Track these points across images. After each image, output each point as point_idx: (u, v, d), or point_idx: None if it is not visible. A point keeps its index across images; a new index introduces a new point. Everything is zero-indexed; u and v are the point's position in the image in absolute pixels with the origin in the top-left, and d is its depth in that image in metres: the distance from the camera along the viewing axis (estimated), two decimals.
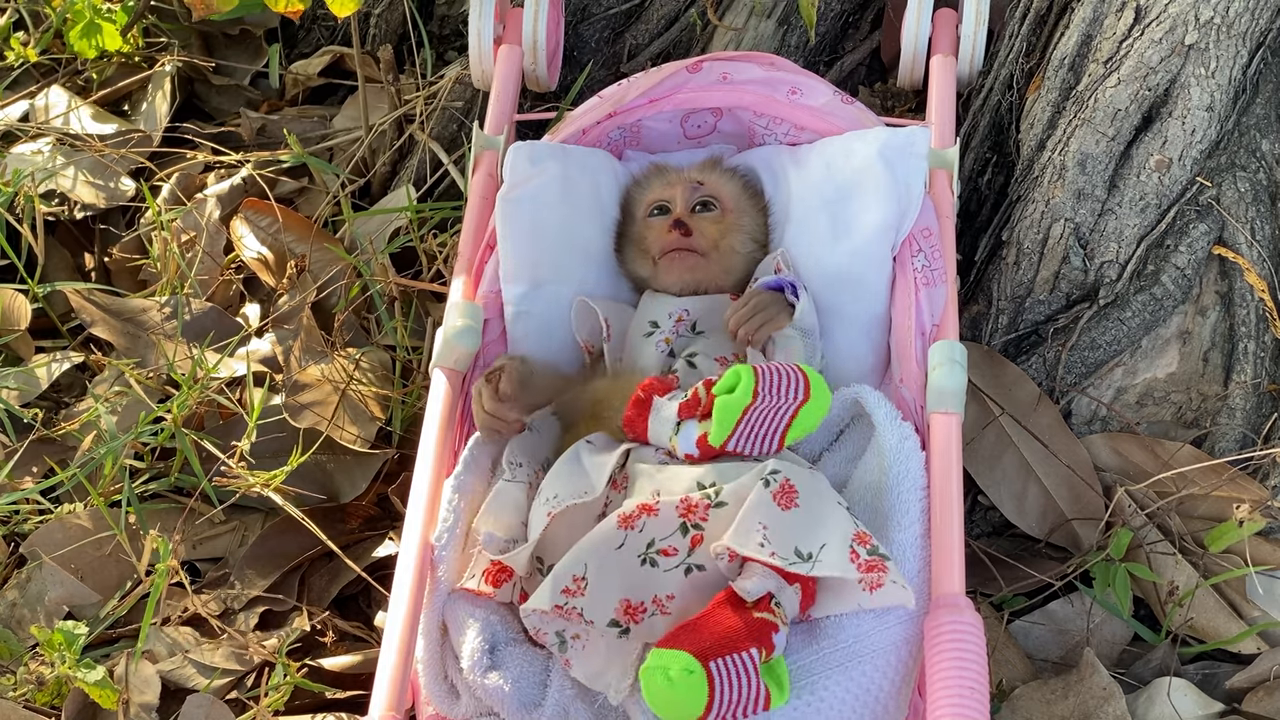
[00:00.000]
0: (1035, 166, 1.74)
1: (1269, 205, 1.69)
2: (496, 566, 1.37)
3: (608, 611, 1.28)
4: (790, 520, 1.29)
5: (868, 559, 1.27)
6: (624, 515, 1.32)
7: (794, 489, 1.31)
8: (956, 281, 1.58)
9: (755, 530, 1.27)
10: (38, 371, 1.83)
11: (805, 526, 1.29)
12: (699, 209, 1.60)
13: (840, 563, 1.26)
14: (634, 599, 1.29)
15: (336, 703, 1.52)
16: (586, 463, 1.39)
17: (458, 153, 2.00)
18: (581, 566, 1.29)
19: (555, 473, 1.40)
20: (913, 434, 1.42)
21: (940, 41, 1.82)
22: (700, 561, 1.30)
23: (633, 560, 1.30)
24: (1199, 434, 1.68)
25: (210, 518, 1.70)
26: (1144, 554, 1.60)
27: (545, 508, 1.36)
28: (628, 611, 1.29)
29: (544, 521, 1.34)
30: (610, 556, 1.30)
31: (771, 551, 1.26)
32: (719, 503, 1.32)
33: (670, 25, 2.04)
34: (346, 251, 1.92)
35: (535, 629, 1.31)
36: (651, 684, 1.20)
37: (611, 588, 1.29)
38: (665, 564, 1.30)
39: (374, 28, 2.18)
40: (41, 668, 1.51)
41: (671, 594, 1.29)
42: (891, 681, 1.29)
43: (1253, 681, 1.53)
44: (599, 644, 1.30)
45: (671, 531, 1.31)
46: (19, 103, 2.15)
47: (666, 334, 1.53)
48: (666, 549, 1.31)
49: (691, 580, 1.30)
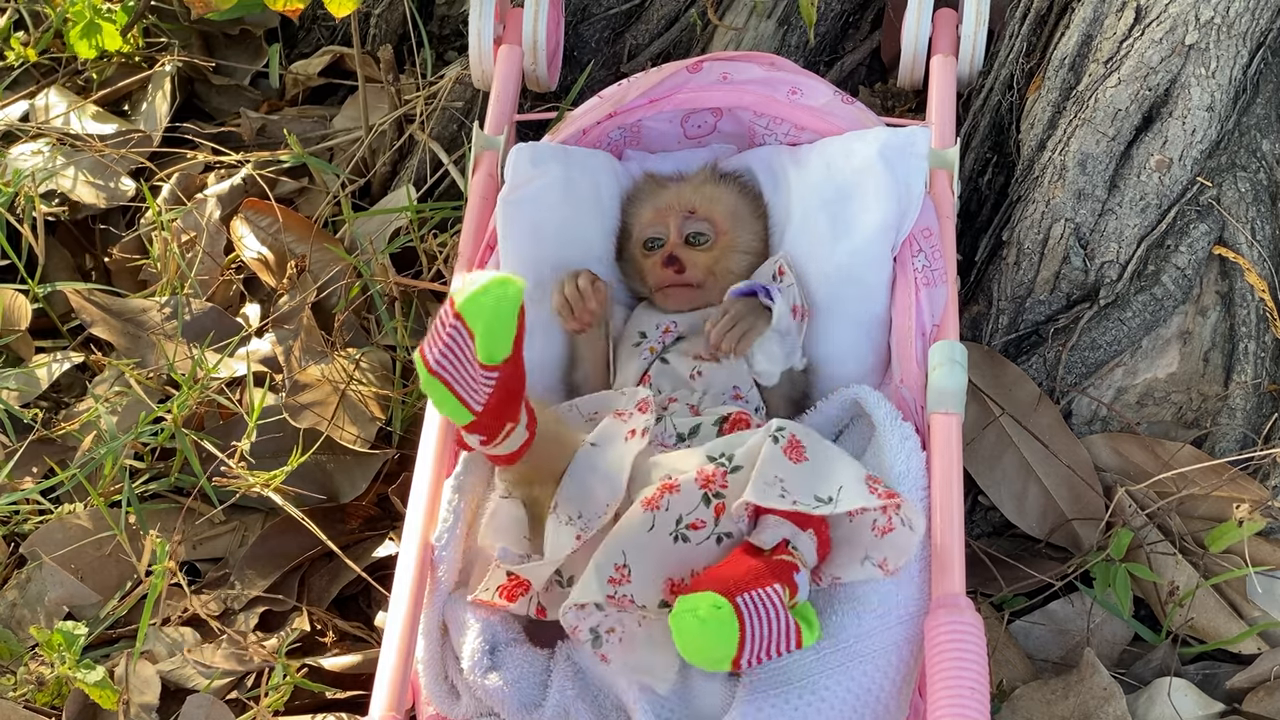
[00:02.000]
0: (1035, 166, 1.74)
1: (1269, 205, 1.69)
2: (513, 580, 1.36)
3: (656, 593, 1.29)
4: (804, 470, 1.31)
5: (885, 490, 1.30)
6: (647, 499, 1.32)
7: (800, 444, 1.34)
8: (957, 281, 1.58)
9: (773, 484, 1.29)
10: (38, 371, 1.83)
11: (819, 474, 1.31)
12: (692, 239, 1.59)
13: (861, 494, 1.29)
14: (676, 576, 1.30)
15: (336, 703, 1.52)
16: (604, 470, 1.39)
17: (458, 153, 2.00)
18: (620, 555, 1.29)
19: (571, 487, 1.38)
20: (913, 434, 1.42)
21: (940, 41, 1.82)
22: (728, 529, 1.32)
23: (665, 540, 1.31)
24: (1199, 434, 1.68)
25: (210, 518, 1.70)
26: (1144, 554, 1.60)
27: (572, 529, 1.34)
28: (673, 589, 1.29)
29: (572, 545, 1.34)
30: (644, 540, 1.30)
31: (793, 500, 1.28)
32: (734, 467, 1.34)
33: (670, 25, 2.04)
34: (346, 251, 1.92)
35: (572, 626, 1.30)
36: (682, 628, 1.20)
37: (653, 569, 1.30)
38: (696, 537, 1.31)
39: (374, 28, 2.18)
40: (41, 668, 1.51)
41: (709, 565, 1.30)
42: (892, 681, 1.29)
43: (1253, 682, 1.53)
44: (637, 634, 1.30)
45: (696, 505, 1.32)
46: (19, 103, 2.15)
47: (653, 344, 1.54)
48: (695, 523, 1.31)
49: (724, 548, 1.31)
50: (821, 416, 1.49)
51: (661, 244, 1.59)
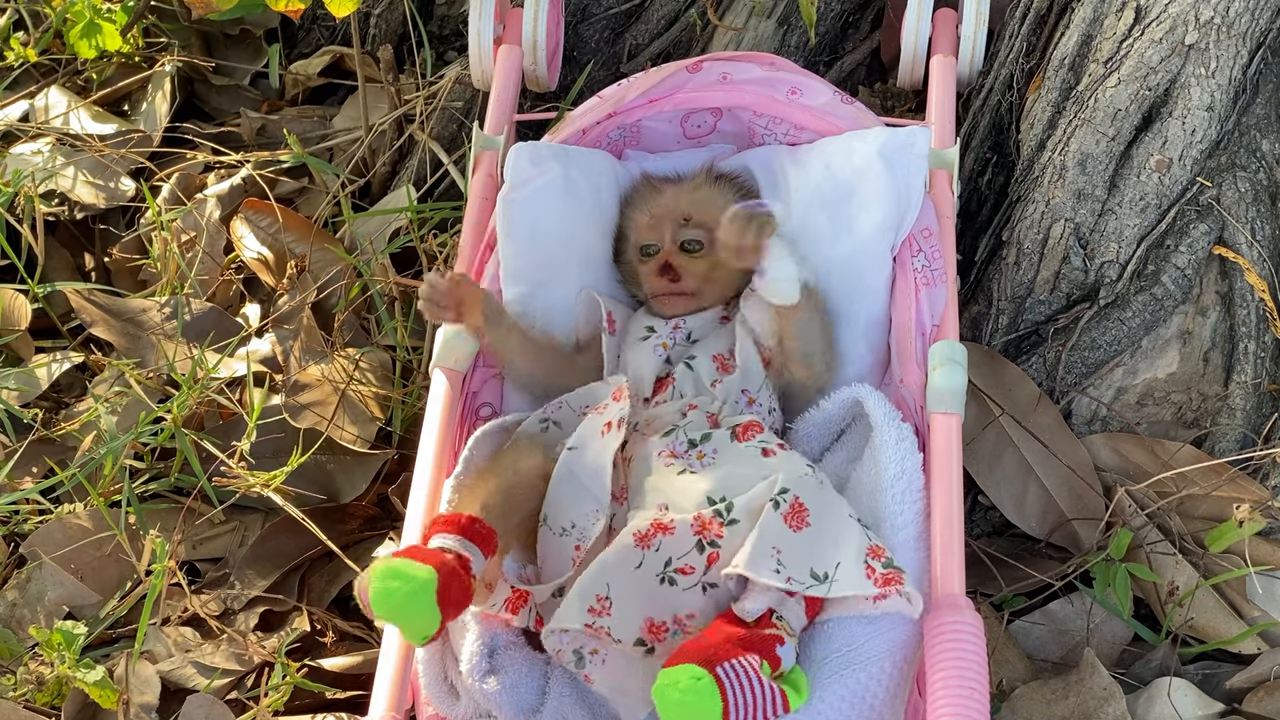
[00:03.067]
0: (1035, 166, 1.74)
1: (1269, 205, 1.69)
2: (517, 594, 1.36)
3: (634, 631, 1.28)
4: (803, 541, 1.29)
5: (883, 573, 1.27)
6: (639, 534, 1.31)
7: (804, 507, 1.31)
8: (956, 281, 1.58)
9: (769, 556, 1.27)
10: (38, 371, 1.83)
11: (819, 546, 1.29)
12: (687, 247, 1.59)
13: (857, 580, 1.27)
14: (656, 618, 1.29)
15: (336, 703, 1.52)
16: (584, 477, 1.38)
17: (458, 153, 2.00)
18: (604, 586, 1.28)
19: (557, 497, 1.38)
20: (911, 434, 1.42)
21: (940, 41, 1.82)
22: (716, 580, 1.30)
23: (651, 579, 1.30)
24: (1199, 434, 1.68)
25: (210, 518, 1.70)
26: (1144, 554, 1.60)
27: (569, 541, 1.34)
28: (651, 630, 1.29)
29: (573, 557, 1.33)
30: (630, 576, 1.29)
31: (788, 577, 1.26)
32: (731, 520, 1.31)
33: (670, 25, 2.04)
34: (346, 251, 1.92)
35: (555, 649, 1.30)
36: (666, 701, 1.19)
37: (635, 607, 1.28)
38: (684, 582, 1.30)
39: (374, 28, 2.18)
40: (41, 668, 1.52)
41: (692, 612, 1.29)
42: (886, 688, 1.29)
43: (1253, 682, 1.53)
44: (619, 660, 1.29)
45: (688, 550, 1.31)
46: (19, 103, 2.16)
47: (664, 339, 1.53)
48: (684, 567, 1.30)
49: (710, 597, 1.30)
50: (823, 415, 1.49)
51: (657, 251, 1.59)
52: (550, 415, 1.49)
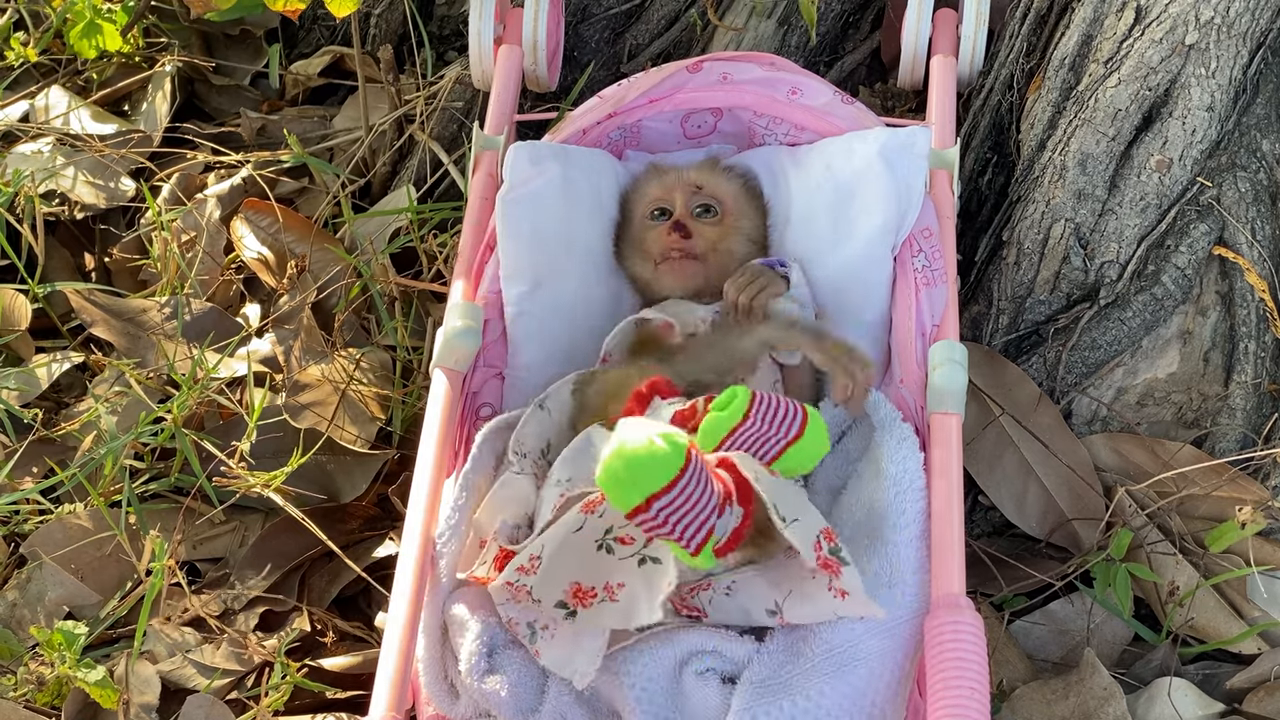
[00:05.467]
0: (1035, 166, 1.74)
1: (1269, 205, 1.69)
2: (504, 552, 1.35)
3: (556, 593, 1.28)
4: (778, 482, 1.27)
5: (827, 555, 1.25)
6: (589, 501, 1.30)
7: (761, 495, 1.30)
8: (957, 281, 1.58)
9: (749, 462, 1.26)
10: (38, 371, 1.83)
11: (783, 502, 1.27)
12: (699, 212, 1.60)
13: (807, 542, 1.24)
14: (585, 583, 1.28)
15: (336, 703, 1.52)
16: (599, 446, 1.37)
17: (458, 153, 2.00)
18: (539, 546, 1.29)
19: (567, 457, 1.38)
20: (911, 435, 1.42)
21: (940, 42, 1.82)
22: (656, 554, 1.27)
23: (589, 545, 1.28)
24: (1199, 434, 1.68)
25: (210, 518, 1.70)
26: (1144, 554, 1.60)
27: (557, 489, 1.34)
28: (577, 594, 1.28)
29: (556, 501, 1.32)
30: (568, 539, 1.28)
31: (757, 476, 1.24)
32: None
33: (670, 25, 2.04)
34: (347, 252, 1.92)
35: (509, 619, 1.30)
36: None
37: (563, 570, 1.28)
38: (621, 552, 1.28)
39: (374, 28, 2.18)
40: (41, 668, 1.51)
41: (622, 582, 1.28)
42: (887, 685, 1.29)
43: (1253, 682, 1.53)
44: (565, 631, 1.30)
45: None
46: (19, 103, 2.15)
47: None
48: (624, 537, 1.28)
49: (644, 571, 1.28)
50: (825, 415, 1.49)
51: (669, 214, 1.59)
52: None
